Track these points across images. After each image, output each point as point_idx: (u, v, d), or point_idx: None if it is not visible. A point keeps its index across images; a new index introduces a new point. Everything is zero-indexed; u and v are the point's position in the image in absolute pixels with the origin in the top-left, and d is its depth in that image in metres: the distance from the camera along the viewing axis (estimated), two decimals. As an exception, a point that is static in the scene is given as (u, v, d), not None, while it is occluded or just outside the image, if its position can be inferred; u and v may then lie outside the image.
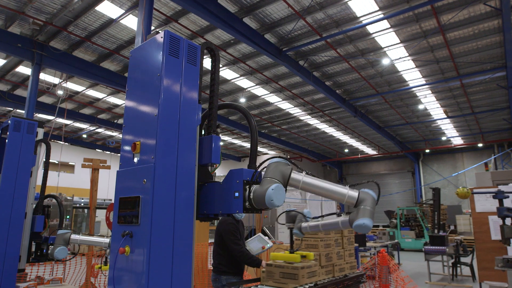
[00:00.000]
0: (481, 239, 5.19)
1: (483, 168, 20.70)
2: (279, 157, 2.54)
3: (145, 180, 2.15)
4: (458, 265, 9.85)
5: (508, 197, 4.33)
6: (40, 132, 5.46)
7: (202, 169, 2.53)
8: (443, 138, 22.65)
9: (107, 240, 4.32)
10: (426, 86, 14.41)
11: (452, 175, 23.52)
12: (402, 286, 5.30)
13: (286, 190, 2.41)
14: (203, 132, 2.66)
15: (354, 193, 2.26)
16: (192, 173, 2.37)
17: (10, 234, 4.70)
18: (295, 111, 17.75)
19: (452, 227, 18.39)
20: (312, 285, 3.41)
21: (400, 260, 12.24)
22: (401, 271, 5.64)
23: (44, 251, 5.16)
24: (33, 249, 5.25)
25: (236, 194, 2.32)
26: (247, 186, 2.33)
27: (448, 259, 9.39)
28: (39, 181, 5.38)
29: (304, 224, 2.64)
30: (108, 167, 8.01)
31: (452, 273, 9.61)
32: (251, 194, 2.30)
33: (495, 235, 5.28)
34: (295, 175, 2.42)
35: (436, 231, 10.61)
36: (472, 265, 9.49)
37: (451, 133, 21.62)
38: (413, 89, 14.66)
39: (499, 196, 4.34)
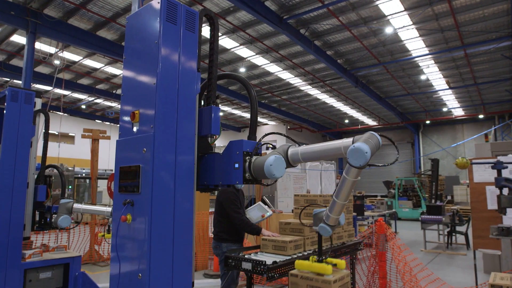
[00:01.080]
0: (477, 208, 5.26)
1: (483, 140, 20.75)
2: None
3: (144, 149, 2.14)
4: (453, 233, 10.08)
5: (506, 167, 4.35)
6: (38, 102, 5.41)
7: (201, 140, 2.52)
8: (444, 109, 22.53)
9: (109, 209, 4.39)
10: (429, 56, 14.15)
11: (451, 146, 23.59)
12: (398, 253, 5.44)
13: (290, 165, 2.40)
14: (202, 103, 2.64)
15: (348, 142, 2.14)
16: (192, 142, 2.36)
17: (13, 203, 4.77)
18: (296, 81, 17.54)
19: (449, 197, 18.68)
20: (311, 251, 3.50)
21: (397, 229, 12.52)
22: (398, 239, 5.77)
23: (48, 219, 5.26)
24: (37, 218, 5.35)
25: (236, 165, 2.33)
26: (247, 157, 2.34)
27: (444, 228, 9.60)
28: (39, 152, 5.40)
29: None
30: (108, 138, 8.02)
31: (447, 241, 9.85)
32: (251, 165, 2.30)
33: (491, 204, 5.35)
34: (293, 148, 2.41)
35: (433, 201, 10.78)
36: (467, 233, 9.71)
37: (452, 104, 21.48)
38: (416, 59, 14.41)
39: (498, 166, 4.36)
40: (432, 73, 16.15)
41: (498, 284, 2.56)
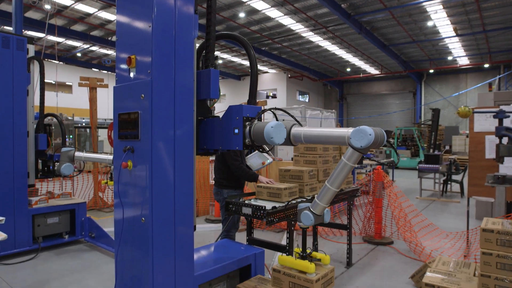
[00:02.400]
0: (475, 157, 5.31)
1: (486, 89, 20.48)
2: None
3: (143, 95, 2.10)
4: (449, 182, 10.31)
5: (508, 116, 4.31)
6: (31, 48, 5.24)
7: (200, 104, 2.47)
8: (449, 58, 21.95)
9: (110, 157, 4.43)
10: (438, 1, 13.47)
11: (454, 94, 23.33)
12: (394, 200, 5.59)
13: (289, 143, 2.36)
14: (200, 65, 2.55)
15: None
16: (191, 89, 2.30)
17: (15, 152, 4.81)
18: (297, 27, 16.87)
19: (447, 147, 18.88)
20: (310, 197, 3.59)
21: (394, 178, 12.79)
22: (395, 186, 5.91)
23: (51, 168, 5.33)
24: (40, 166, 5.43)
25: (236, 130, 2.31)
26: (247, 123, 2.31)
27: (440, 176, 9.79)
28: (37, 102, 5.34)
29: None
30: (106, 86, 7.88)
31: (442, 189, 10.10)
32: (251, 130, 2.28)
33: (489, 154, 5.38)
34: (296, 128, 2.32)
35: (431, 150, 10.88)
36: (462, 182, 9.93)
37: (458, 53, 20.89)
38: (424, 3, 13.72)
39: (500, 115, 4.32)
40: (439, 19, 15.50)
41: (490, 229, 2.64)
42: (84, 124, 18.27)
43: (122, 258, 2.36)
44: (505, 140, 4.37)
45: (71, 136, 15.68)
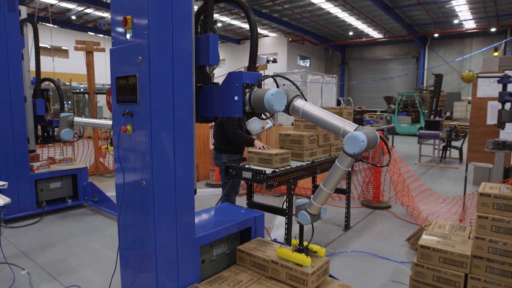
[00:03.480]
0: (476, 123, 5.29)
1: (491, 55, 20.06)
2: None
3: (140, 57, 2.04)
4: (448, 148, 10.35)
5: (513, 81, 4.24)
6: (23, 10, 5.07)
7: (199, 70, 2.41)
8: (455, 21, 21.32)
9: (110, 122, 4.41)
10: (447, -41, 12.88)
11: (458, 58, 22.89)
12: (393, 165, 5.64)
13: (287, 112, 2.32)
14: (199, 30, 2.45)
15: (350, 128, 2.01)
16: (189, 51, 2.24)
17: (14, 117, 4.79)
18: (299, -11, 16.26)
19: (448, 114, 18.79)
20: (310, 162, 3.60)
21: (394, 143, 12.83)
22: (394, 152, 5.93)
23: (50, 133, 5.33)
24: (40, 132, 5.43)
25: (236, 97, 2.26)
26: (247, 90, 2.26)
27: (439, 143, 9.82)
28: (32, 66, 5.23)
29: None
30: (103, 50, 7.71)
31: (441, 155, 10.17)
32: (251, 97, 2.23)
33: (491, 119, 5.36)
34: (298, 101, 2.28)
35: (432, 116, 10.84)
36: (461, 148, 9.98)
37: (465, 16, 20.25)
38: (432, -38, 13.13)
39: (504, 80, 4.25)
40: (447, -20, 14.89)
41: (487, 193, 2.67)
42: (82, 89, 18.05)
43: (124, 221, 2.40)
44: (507, 106, 4.33)
45: (69, 102, 15.56)
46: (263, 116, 2.43)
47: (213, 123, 4.03)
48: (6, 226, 4.63)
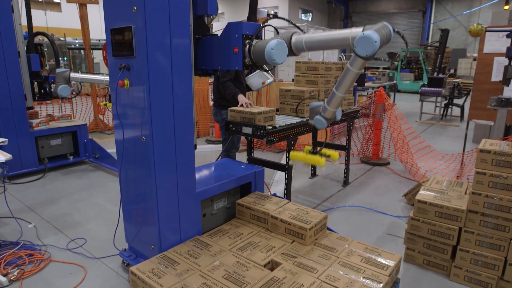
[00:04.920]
0: (480, 80, 5.19)
1: (502, 8, 19.27)
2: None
3: (135, 8, 1.94)
4: (450, 106, 10.27)
5: (522, 36, 4.11)
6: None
7: (198, 21, 2.30)
8: (466, -28, 20.28)
9: (107, 77, 4.32)
10: None
11: (466, 11, 22.05)
12: (394, 122, 5.62)
13: (292, 54, 2.22)
14: None
15: (358, 29, 1.90)
16: None
17: (8, 74, 4.68)
18: None
19: (452, 71, 18.42)
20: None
21: (395, 101, 12.71)
22: (395, 109, 5.89)
23: (47, 89, 5.24)
24: (37, 89, 5.34)
25: (235, 49, 2.20)
26: (247, 41, 2.18)
27: (442, 100, 9.72)
28: (24, 21, 5.03)
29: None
30: (96, 2, 7.39)
31: (442, 113, 10.11)
32: (252, 49, 2.17)
33: (496, 76, 5.26)
34: (297, 35, 2.18)
35: (435, 73, 10.63)
36: (463, 106, 9.89)
37: (476, -35, 19.22)
38: None
39: (513, 35, 4.12)
40: None
41: (487, 149, 2.66)
42: (77, 45, 17.57)
43: (125, 177, 2.43)
44: (514, 61, 4.22)
45: (65, 58, 15.21)
46: (265, 67, 2.38)
47: (212, 79, 3.96)
48: (10, 182, 4.71)
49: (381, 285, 1.95)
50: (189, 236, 2.45)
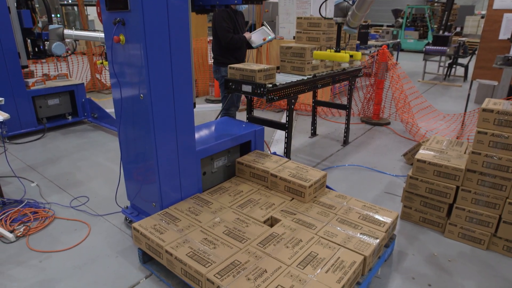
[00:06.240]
0: (488, 37, 5.05)
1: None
2: None
3: (126, -45, 1.83)
4: (454, 66, 10.04)
5: (535, -11, 3.92)
6: None
7: None
8: None
9: (102, 34, 4.18)
10: None
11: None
12: (396, 82, 5.52)
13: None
14: None
15: None
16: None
17: (0, 31, 4.53)
18: None
19: (458, 29, 17.86)
20: (311, 76, 3.51)
21: (398, 60, 12.43)
22: (398, 68, 5.76)
23: (41, 47, 5.10)
24: (31, 48, 5.18)
25: None
26: None
27: (446, 60, 9.49)
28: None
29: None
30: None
31: (446, 73, 9.91)
32: None
33: (504, 34, 5.11)
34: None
35: (441, 32, 10.30)
36: (467, 66, 9.68)
37: None
38: None
39: (526, -12, 3.93)
40: None
41: (490, 108, 2.63)
42: (70, 1, 16.93)
43: (125, 136, 2.41)
44: (525, 17, 4.07)
45: (58, 15, 14.69)
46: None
47: (211, 37, 3.82)
48: (10, 142, 4.71)
49: (378, 240, 2.00)
50: (190, 194, 2.48)
